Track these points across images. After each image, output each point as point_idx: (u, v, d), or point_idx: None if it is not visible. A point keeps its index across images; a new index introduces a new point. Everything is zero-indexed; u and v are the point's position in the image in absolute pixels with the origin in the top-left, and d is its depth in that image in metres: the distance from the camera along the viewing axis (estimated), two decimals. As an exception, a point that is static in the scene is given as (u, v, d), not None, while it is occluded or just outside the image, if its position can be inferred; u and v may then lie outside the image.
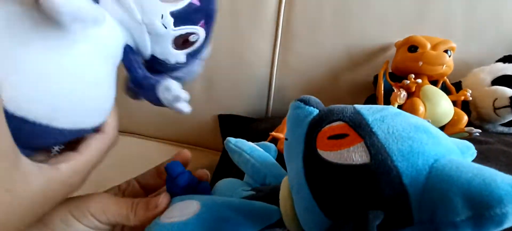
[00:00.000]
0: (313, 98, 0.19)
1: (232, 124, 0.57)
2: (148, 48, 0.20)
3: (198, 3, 0.19)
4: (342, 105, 0.18)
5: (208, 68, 0.56)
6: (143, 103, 0.68)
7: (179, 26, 0.19)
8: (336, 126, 0.16)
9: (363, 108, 0.17)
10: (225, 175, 0.37)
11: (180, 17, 0.19)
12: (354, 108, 0.17)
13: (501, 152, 0.34)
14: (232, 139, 0.31)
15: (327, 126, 0.17)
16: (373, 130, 0.15)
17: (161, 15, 0.18)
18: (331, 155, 0.15)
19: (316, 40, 0.52)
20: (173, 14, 0.19)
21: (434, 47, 0.40)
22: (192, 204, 0.21)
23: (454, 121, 0.39)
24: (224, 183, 0.29)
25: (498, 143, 0.37)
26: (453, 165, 0.13)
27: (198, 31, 0.20)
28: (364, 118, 0.16)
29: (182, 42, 0.20)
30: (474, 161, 0.23)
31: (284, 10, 0.53)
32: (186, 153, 0.26)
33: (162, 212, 0.21)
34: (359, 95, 0.51)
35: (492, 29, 0.47)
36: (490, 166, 0.35)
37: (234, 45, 0.55)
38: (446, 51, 0.40)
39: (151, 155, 0.62)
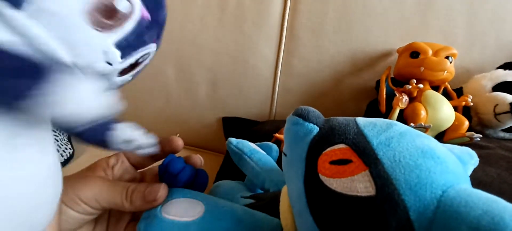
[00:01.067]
0: (312, 112, 0.17)
1: (236, 126, 0.58)
2: None
3: (148, 17, 0.14)
4: (345, 122, 0.16)
5: (213, 71, 0.58)
6: (149, 104, 0.69)
7: (128, 55, 0.14)
8: (339, 150, 0.15)
9: (367, 126, 0.16)
10: (228, 176, 0.37)
11: (129, 45, 0.14)
12: (357, 126, 0.16)
13: (501, 156, 0.34)
14: (233, 140, 0.30)
15: (329, 149, 0.15)
16: (379, 157, 0.14)
17: (102, 52, 0.13)
18: (334, 183, 0.14)
19: (320, 45, 0.53)
20: (119, 45, 0.13)
21: (435, 53, 0.41)
22: (196, 206, 0.21)
23: (455, 126, 0.39)
24: (224, 186, 0.29)
25: (498, 148, 0.37)
26: (462, 199, 0.12)
27: (151, 48, 0.15)
28: (369, 141, 0.15)
29: (130, 67, 0.15)
30: (476, 166, 0.23)
31: (288, 15, 0.54)
32: (178, 140, 0.24)
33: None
34: (362, 100, 0.52)
35: (493, 36, 0.48)
36: (491, 170, 0.36)
37: (239, 50, 0.56)
38: (447, 57, 0.41)
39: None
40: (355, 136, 0.15)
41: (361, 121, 0.17)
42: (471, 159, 0.18)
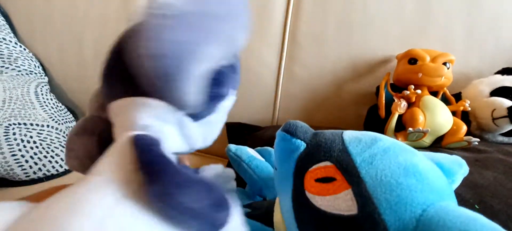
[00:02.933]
0: (300, 127, 0.18)
1: (239, 132, 0.60)
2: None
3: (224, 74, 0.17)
4: (331, 138, 0.16)
5: (217, 78, 0.59)
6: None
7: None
8: (324, 168, 0.15)
9: (352, 142, 0.16)
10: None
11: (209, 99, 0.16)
12: (343, 143, 0.16)
13: (498, 160, 0.35)
14: (232, 147, 0.31)
15: (315, 167, 0.16)
16: (361, 176, 0.14)
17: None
18: (319, 200, 0.15)
19: (321, 52, 0.55)
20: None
21: (433, 59, 0.42)
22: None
23: (453, 130, 0.40)
24: None
25: (496, 152, 0.38)
26: (440, 218, 0.13)
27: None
28: (353, 158, 0.15)
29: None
30: (473, 169, 0.23)
31: (290, 23, 0.55)
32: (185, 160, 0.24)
33: None
34: (362, 105, 0.53)
35: (491, 42, 0.49)
36: (488, 173, 0.37)
37: (242, 57, 0.57)
38: (445, 63, 0.42)
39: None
40: (340, 153, 0.16)
41: (348, 136, 0.17)
42: (460, 168, 0.18)
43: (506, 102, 0.40)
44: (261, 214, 0.23)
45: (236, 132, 0.60)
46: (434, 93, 0.45)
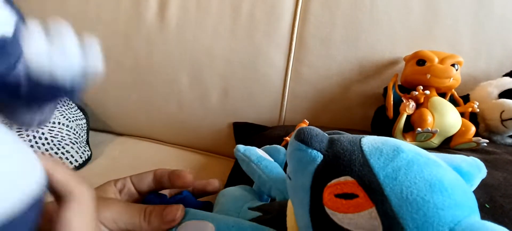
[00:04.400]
0: (315, 136, 0.17)
1: (246, 132, 0.60)
2: None
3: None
4: (350, 148, 0.16)
5: (225, 78, 0.60)
6: (163, 111, 0.71)
7: None
8: (344, 183, 0.15)
9: (373, 154, 0.15)
10: (239, 181, 0.39)
11: None
12: (363, 155, 0.15)
13: (508, 161, 0.35)
14: (241, 147, 0.30)
15: (335, 181, 0.15)
16: (386, 193, 0.14)
17: None
18: (340, 217, 0.14)
19: (328, 53, 0.55)
20: None
21: (441, 61, 0.43)
22: (206, 227, 0.21)
23: (462, 132, 0.40)
24: (229, 195, 0.29)
25: (505, 153, 0.38)
26: None
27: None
28: (375, 173, 0.14)
29: None
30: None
31: (298, 25, 0.56)
32: (188, 176, 0.24)
33: None
34: (369, 106, 0.53)
35: (499, 45, 0.49)
36: (497, 174, 0.37)
37: (250, 58, 0.58)
38: (453, 65, 0.42)
39: (168, 160, 0.66)
40: (361, 167, 0.15)
41: (367, 146, 0.16)
42: (479, 171, 0.18)
43: (514, 104, 0.40)
44: (272, 218, 0.23)
45: (244, 131, 0.61)
46: (442, 95, 0.45)
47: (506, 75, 0.46)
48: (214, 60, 0.60)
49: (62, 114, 0.57)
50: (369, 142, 0.16)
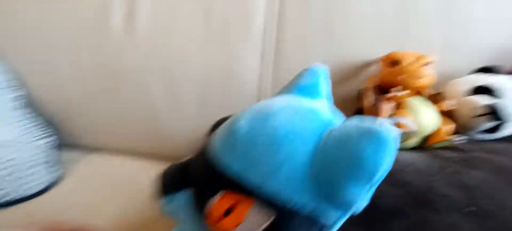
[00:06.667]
0: (166, 186, 0.18)
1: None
2: None
3: None
4: (202, 172, 0.17)
5: (201, 85, 0.58)
6: (137, 122, 0.68)
7: None
8: (218, 203, 0.16)
9: (222, 153, 0.16)
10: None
11: None
12: (215, 160, 0.16)
13: (484, 159, 0.36)
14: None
15: (212, 204, 0.16)
16: (252, 182, 0.15)
17: None
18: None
19: (306, 56, 0.55)
20: None
21: (413, 61, 0.43)
22: None
23: (437, 130, 0.41)
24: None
25: (480, 151, 0.39)
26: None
27: None
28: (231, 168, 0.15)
29: None
30: (461, 169, 0.25)
31: (274, 28, 0.55)
32: None
33: None
34: (349, 108, 0.53)
35: (467, 43, 0.51)
36: (477, 173, 0.37)
37: (227, 64, 0.57)
38: (424, 65, 0.43)
39: (145, 173, 0.62)
40: (218, 178, 0.16)
41: (213, 152, 0.17)
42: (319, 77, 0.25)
43: (483, 101, 0.42)
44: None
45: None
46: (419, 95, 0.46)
47: (473, 72, 0.47)
48: (188, 67, 0.57)
49: (25, 134, 0.53)
50: (215, 144, 0.17)
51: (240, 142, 0.16)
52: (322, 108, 0.20)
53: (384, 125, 0.16)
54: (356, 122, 0.16)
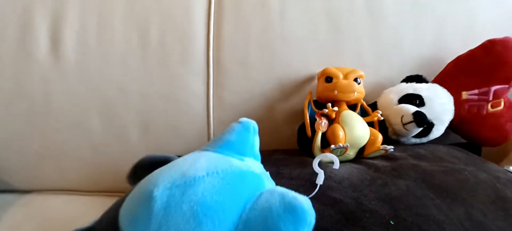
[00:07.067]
0: None
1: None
2: None
3: None
4: None
5: (143, 113, 0.55)
6: (74, 157, 0.62)
7: None
8: None
9: (127, 223, 0.16)
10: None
11: None
12: None
13: (410, 166, 0.37)
14: None
15: None
16: None
17: None
18: None
19: (248, 76, 0.54)
20: None
21: (345, 76, 0.45)
22: None
23: (371, 141, 0.42)
24: None
25: (409, 157, 0.41)
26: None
27: None
28: None
29: None
30: (389, 180, 0.26)
31: (212, 50, 0.54)
32: None
33: None
34: (294, 123, 0.54)
35: (395, 53, 0.54)
36: (401, 183, 0.38)
37: (168, 89, 0.54)
38: (355, 79, 0.45)
39: (87, 211, 0.56)
40: None
41: (122, 222, 0.16)
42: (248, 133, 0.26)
43: (411, 109, 0.44)
44: None
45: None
46: (353, 107, 0.47)
47: (402, 81, 0.50)
48: (127, 95, 0.54)
49: None
50: (126, 214, 0.16)
51: (155, 216, 0.14)
52: (252, 168, 0.19)
53: (301, 199, 0.16)
54: (279, 194, 0.16)
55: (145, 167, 0.34)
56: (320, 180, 0.32)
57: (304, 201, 0.16)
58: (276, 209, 0.14)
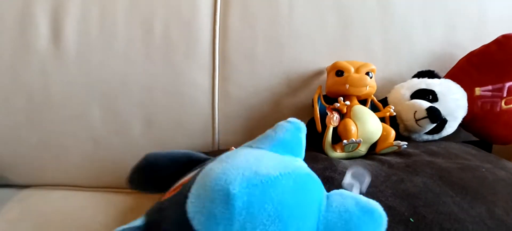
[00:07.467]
0: None
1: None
2: None
3: None
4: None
5: (145, 107, 0.54)
6: (75, 152, 0.61)
7: None
8: None
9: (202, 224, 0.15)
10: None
11: None
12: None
13: (426, 163, 0.36)
14: None
15: None
16: None
17: None
18: None
19: (254, 69, 0.53)
20: None
21: (357, 70, 0.44)
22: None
23: (383, 136, 0.41)
24: None
25: (423, 153, 0.39)
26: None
27: None
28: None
29: None
30: (405, 176, 0.26)
31: (219, 42, 0.53)
32: None
33: None
34: (301, 119, 0.51)
35: (405, 49, 0.53)
36: (417, 180, 0.36)
37: (172, 82, 0.53)
38: (367, 73, 0.44)
39: (88, 207, 0.55)
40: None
41: (191, 212, 0.15)
42: (299, 132, 0.26)
43: (424, 104, 0.43)
44: None
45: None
46: (363, 102, 0.46)
47: (414, 76, 0.49)
48: (129, 88, 0.53)
49: None
50: (192, 204, 0.15)
51: (237, 215, 0.13)
52: (309, 170, 0.19)
53: (375, 203, 0.17)
54: (351, 198, 0.16)
55: (147, 169, 0.32)
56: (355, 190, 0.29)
57: (378, 205, 0.16)
58: (355, 212, 0.15)
